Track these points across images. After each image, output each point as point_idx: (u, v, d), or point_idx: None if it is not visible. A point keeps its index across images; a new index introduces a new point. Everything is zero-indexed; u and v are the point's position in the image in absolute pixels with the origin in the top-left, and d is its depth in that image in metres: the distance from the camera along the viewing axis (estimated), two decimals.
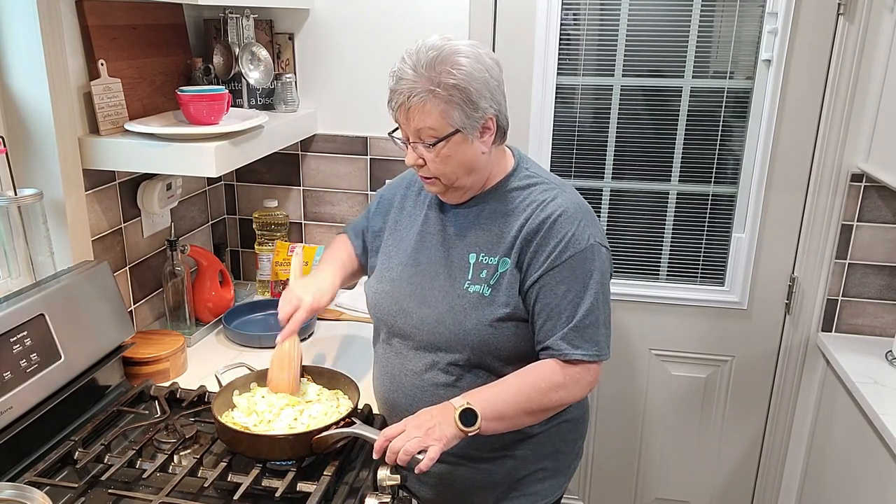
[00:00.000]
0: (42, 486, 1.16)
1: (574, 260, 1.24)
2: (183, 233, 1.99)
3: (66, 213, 1.49)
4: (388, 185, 1.54)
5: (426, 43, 1.21)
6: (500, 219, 1.31)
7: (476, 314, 1.28)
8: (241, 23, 1.88)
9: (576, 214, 1.27)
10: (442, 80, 1.18)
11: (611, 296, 1.32)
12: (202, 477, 1.22)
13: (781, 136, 1.91)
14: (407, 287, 1.36)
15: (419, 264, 1.36)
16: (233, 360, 1.71)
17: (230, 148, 1.57)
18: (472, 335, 1.28)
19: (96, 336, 1.42)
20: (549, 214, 1.26)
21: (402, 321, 1.36)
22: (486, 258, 1.30)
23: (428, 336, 1.32)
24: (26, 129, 1.44)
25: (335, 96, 2.07)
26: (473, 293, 1.29)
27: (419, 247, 1.38)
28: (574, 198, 1.32)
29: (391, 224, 1.45)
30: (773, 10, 1.82)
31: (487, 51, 1.25)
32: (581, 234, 1.26)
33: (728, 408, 2.17)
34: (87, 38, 1.52)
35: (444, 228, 1.36)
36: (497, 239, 1.30)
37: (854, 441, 1.79)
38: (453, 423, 1.17)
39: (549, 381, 1.24)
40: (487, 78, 1.21)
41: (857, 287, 1.98)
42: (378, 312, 1.41)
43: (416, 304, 1.34)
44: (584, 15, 1.95)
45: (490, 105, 1.22)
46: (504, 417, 1.22)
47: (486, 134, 1.25)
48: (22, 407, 1.23)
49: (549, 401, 1.25)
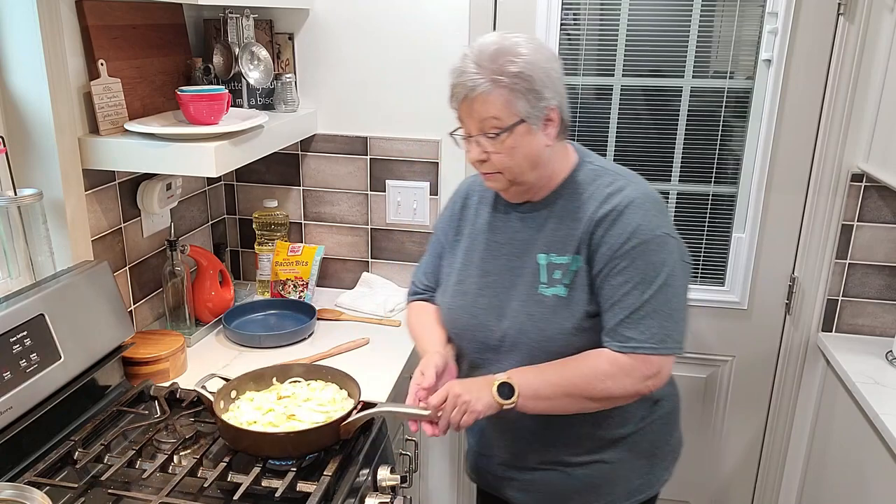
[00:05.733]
0: (42, 486, 1.16)
1: (636, 251, 1.21)
2: (183, 233, 1.99)
3: (66, 213, 1.49)
4: (442, 212, 1.49)
5: (486, 39, 1.22)
6: (567, 216, 1.28)
7: (557, 319, 1.25)
8: (241, 23, 1.88)
9: (643, 204, 1.24)
10: (505, 69, 1.17)
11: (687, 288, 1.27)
12: (202, 477, 1.22)
13: (781, 136, 1.91)
14: (482, 300, 1.33)
15: (491, 274, 1.33)
16: (232, 360, 1.72)
17: (230, 148, 1.57)
18: (555, 342, 1.25)
19: (96, 336, 1.42)
20: (616, 205, 1.23)
21: (483, 335, 1.33)
22: (556, 258, 1.27)
23: (510, 348, 1.30)
24: (26, 129, 1.44)
25: (335, 96, 2.07)
26: (551, 296, 1.26)
27: (488, 256, 1.35)
28: (642, 187, 1.28)
29: (454, 235, 1.43)
30: (773, 10, 1.82)
31: (546, 44, 1.24)
32: (647, 225, 1.22)
33: (728, 408, 2.16)
34: (87, 38, 1.52)
35: (512, 235, 1.33)
36: (566, 237, 1.27)
37: (854, 441, 1.79)
38: (490, 395, 1.20)
39: (595, 368, 1.22)
40: (549, 68, 1.20)
41: (858, 287, 1.98)
42: (456, 328, 1.38)
43: (495, 316, 1.31)
44: (584, 15, 1.95)
45: (553, 95, 1.21)
46: (541, 397, 1.22)
47: (549, 126, 1.23)
48: (22, 407, 1.23)
49: (593, 389, 1.22)
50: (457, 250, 1.41)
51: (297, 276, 2.03)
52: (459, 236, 1.42)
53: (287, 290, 2.03)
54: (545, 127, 1.23)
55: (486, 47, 1.20)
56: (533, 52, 1.19)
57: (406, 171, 2.07)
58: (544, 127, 1.22)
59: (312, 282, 2.04)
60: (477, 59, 1.19)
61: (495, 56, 1.18)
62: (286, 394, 1.40)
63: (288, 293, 2.03)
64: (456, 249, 1.42)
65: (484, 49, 1.19)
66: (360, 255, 2.18)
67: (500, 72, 1.17)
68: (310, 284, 2.03)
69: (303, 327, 1.83)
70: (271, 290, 2.05)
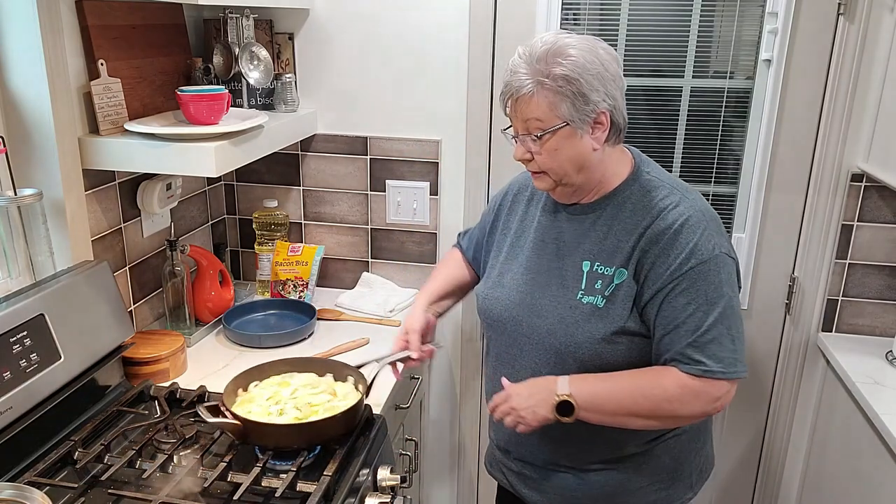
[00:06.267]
0: (42, 486, 1.16)
1: (696, 271, 1.18)
2: (183, 233, 1.99)
3: (66, 213, 1.49)
4: (498, 193, 1.52)
5: (541, 38, 1.21)
6: (617, 226, 1.26)
7: (588, 327, 1.24)
8: (241, 23, 1.88)
9: (700, 222, 1.21)
10: (552, 71, 1.16)
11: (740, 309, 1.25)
12: (202, 477, 1.22)
13: (781, 136, 1.91)
14: (517, 295, 1.33)
15: (531, 272, 1.34)
16: (232, 360, 1.72)
17: (230, 148, 1.57)
18: (583, 349, 1.25)
19: (96, 336, 1.42)
20: (672, 223, 1.21)
21: (513, 329, 1.33)
22: (601, 267, 1.26)
23: (538, 347, 1.30)
24: (26, 129, 1.44)
25: (335, 96, 2.07)
26: (587, 304, 1.25)
27: (532, 253, 1.35)
28: (699, 204, 1.25)
29: (502, 227, 1.43)
30: (773, 10, 1.82)
31: (604, 45, 1.21)
32: (705, 244, 1.19)
33: (728, 408, 2.16)
34: (87, 38, 1.52)
35: (558, 235, 1.33)
36: (614, 248, 1.25)
37: (854, 441, 1.79)
38: (550, 410, 1.22)
39: (663, 390, 1.20)
40: (601, 71, 1.17)
41: (858, 287, 1.98)
42: (488, 318, 1.39)
43: (527, 313, 1.31)
44: (584, 15, 1.95)
45: (603, 99, 1.18)
46: (605, 412, 1.23)
47: (597, 129, 1.21)
48: (22, 407, 1.23)
49: (660, 410, 1.21)
50: (503, 242, 1.42)
51: (297, 276, 2.03)
52: (507, 229, 1.42)
53: (287, 290, 2.03)
54: (592, 130, 1.21)
55: (538, 47, 1.19)
56: (584, 53, 1.17)
57: (406, 171, 2.07)
58: (591, 131, 1.21)
59: (312, 282, 2.04)
60: (529, 58, 1.19)
61: (545, 56, 1.17)
62: (296, 385, 1.42)
63: (288, 293, 2.03)
64: (502, 241, 1.43)
65: (535, 49, 1.19)
66: (360, 255, 2.18)
67: (546, 73, 1.17)
68: (310, 284, 2.03)
69: (303, 327, 1.83)
70: (271, 290, 2.05)
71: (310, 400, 1.35)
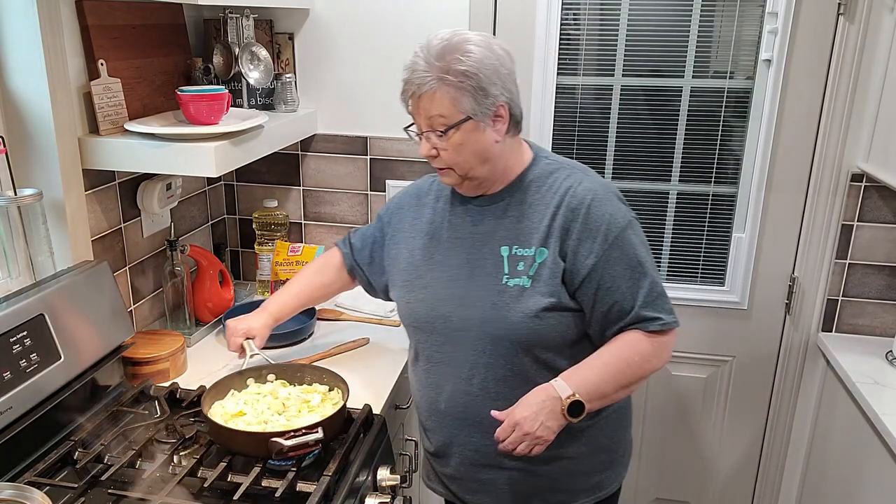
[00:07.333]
0: (42, 486, 1.16)
1: (621, 239, 1.26)
2: (183, 233, 1.99)
3: (66, 213, 1.49)
4: (395, 197, 1.53)
5: (437, 35, 1.23)
6: (528, 209, 1.31)
7: (520, 307, 1.27)
8: (241, 23, 1.88)
9: (606, 194, 1.29)
10: (452, 67, 1.19)
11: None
12: (202, 477, 1.22)
13: (781, 136, 1.91)
14: (444, 291, 1.34)
15: (453, 267, 1.35)
16: (232, 360, 1.71)
17: (230, 148, 1.57)
18: (518, 329, 1.27)
19: (96, 336, 1.42)
20: (582, 200, 1.27)
21: (443, 326, 1.33)
22: (519, 250, 1.29)
23: (473, 338, 1.30)
24: (26, 129, 1.44)
25: (335, 96, 2.07)
26: (514, 286, 1.28)
27: (449, 250, 1.36)
28: (598, 178, 1.33)
29: (407, 232, 1.43)
30: (773, 10, 1.82)
31: (498, 41, 1.26)
32: (618, 213, 1.27)
33: (728, 408, 2.17)
34: (87, 38, 1.52)
35: (471, 228, 1.35)
36: (529, 230, 1.29)
37: (854, 441, 1.79)
38: (560, 417, 1.23)
39: (641, 352, 1.26)
40: (497, 66, 1.22)
41: (858, 287, 1.98)
42: (415, 322, 1.39)
43: (456, 307, 1.32)
44: (584, 15, 1.95)
45: (501, 92, 1.22)
46: (605, 396, 1.26)
47: (498, 122, 1.25)
48: (22, 407, 1.23)
49: (643, 371, 1.28)
50: (413, 245, 1.41)
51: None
52: (415, 232, 1.42)
53: None
54: (494, 123, 1.24)
55: (435, 45, 1.21)
56: (482, 50, 1.21)
57: (406, 171, 2.07)
58: (493, 123, 1.24)
59: None
60: (426, 55, 1.21)
61: (443, 54, 1.20)
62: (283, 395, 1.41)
63: None
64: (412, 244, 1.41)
65: (433, 47, 1.21)
66: None
67: (447, 70, 1.19)
68: None
69: (303, 327, 1.83)
70: (271, 290, 2.05)
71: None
